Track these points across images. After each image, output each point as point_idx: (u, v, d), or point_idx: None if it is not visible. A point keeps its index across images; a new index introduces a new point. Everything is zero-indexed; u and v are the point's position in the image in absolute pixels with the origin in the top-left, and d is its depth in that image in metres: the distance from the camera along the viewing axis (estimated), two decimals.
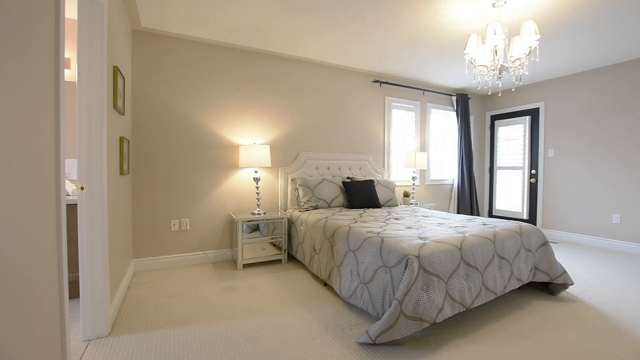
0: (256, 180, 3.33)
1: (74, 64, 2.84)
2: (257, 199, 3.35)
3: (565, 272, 2.47)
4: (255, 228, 3.26)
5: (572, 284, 2.47)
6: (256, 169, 3.38)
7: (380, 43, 3.40)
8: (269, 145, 3.49)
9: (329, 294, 2.54)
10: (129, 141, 2.81)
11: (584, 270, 3.17)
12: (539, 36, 2.30)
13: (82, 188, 1.76)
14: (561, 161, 4.60)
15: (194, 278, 2.90)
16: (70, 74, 2.81)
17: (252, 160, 3.24)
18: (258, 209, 3.31)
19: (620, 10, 2.66)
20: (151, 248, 3.13)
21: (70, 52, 2.83)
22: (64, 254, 1.25)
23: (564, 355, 1.72)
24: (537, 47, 2.56)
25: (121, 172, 2.40)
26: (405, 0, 2.54)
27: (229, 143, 3.48)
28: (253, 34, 3.17)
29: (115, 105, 2.15)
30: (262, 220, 3.24)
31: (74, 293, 2.38)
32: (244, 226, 3.17)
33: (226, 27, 3.03)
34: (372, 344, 1.81)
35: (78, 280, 2.35)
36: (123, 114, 2.47)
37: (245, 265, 3.26)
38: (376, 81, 4.37)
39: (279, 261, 3.43)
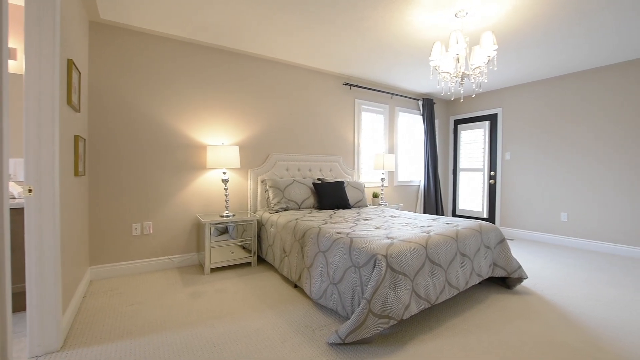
0: (224, 181, 3.25)
1: (20, 55, 2.61)
2: (226, 201, 3.26)
3: (520, 267, 2.65)
4: (224, 231, 3.18)
5: (527, 278, 2.66)
6: (225, 170, 3.29)
7: (350, 46, 3.45)
8: (238, 146, 3.42)
9: (299, 296, 2.54)
10: (85, 140, 2.62)
11: (536, 265, 3.42)
12: (496, 46, 2.46)
13: (30, 190, 1.61)
14: (517, 164, 4.94)
15: (158, 284, 2.76)
16: (16, 65, 2.58)
17: (220, 161, 3.15)
18: (227, 211, 3.23)
19: (568, 26, 2.90)
20: (110, 254, 2.94)
21: (16, 42, 2.59)
22: (7, 263, 1.14)
23: (519, 343, 1.85)
24: (495, 56, 2.73)
25: (76, 173, 2.24)
26: (374, 5, 2.61)
27: (195, 143, 3.36)
28: (222, 31, 3.10)
29: (69, 102, 2.00)
30: (231, 222, 3.16)
31: (21, 306, 2.17)
32: (212, 229, 3.07)
33: (194, 23, 2.93)
34: (341, 344, 1.82)
35: (25, 292, 2.15)
36: (78, 111, 2.31)
37: (213, 270, 3.16)
38: (346, 84, 4.43)
39: (249, 264, 3.36)
